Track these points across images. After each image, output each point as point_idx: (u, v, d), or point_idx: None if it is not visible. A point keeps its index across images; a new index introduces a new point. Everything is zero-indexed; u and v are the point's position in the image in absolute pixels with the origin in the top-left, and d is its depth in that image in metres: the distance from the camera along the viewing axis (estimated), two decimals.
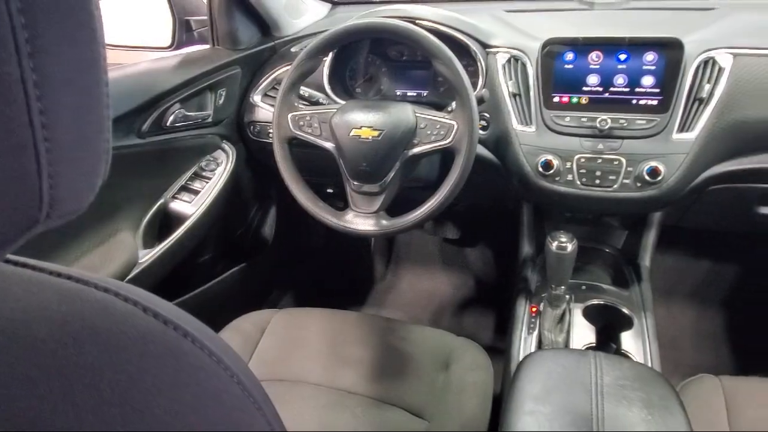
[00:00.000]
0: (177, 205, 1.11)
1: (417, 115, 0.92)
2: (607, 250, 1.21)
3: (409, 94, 1.21)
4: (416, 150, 0.92)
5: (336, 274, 1.82)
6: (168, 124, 1.06)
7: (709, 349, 1.46)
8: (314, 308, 1.09)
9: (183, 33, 1.27)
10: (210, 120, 1.16)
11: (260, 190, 1.44)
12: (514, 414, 0.61)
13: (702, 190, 1.00)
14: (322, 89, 1.16)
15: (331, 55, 1.16)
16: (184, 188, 1.13)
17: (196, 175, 1.16)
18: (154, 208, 1.08)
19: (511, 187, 1.08)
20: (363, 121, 0.92)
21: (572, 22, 1.16)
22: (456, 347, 0.97)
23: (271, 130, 1.01)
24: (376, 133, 0.91)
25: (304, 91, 1.12)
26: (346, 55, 1.21)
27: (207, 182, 1.15)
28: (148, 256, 1.02)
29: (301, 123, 0.98)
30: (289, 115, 0.98)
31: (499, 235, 1.70)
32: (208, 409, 0.25)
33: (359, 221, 0.97)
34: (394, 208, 0.97)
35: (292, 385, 0.94)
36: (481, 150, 1.06)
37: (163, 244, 1.05)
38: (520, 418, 0.60)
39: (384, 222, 0.95)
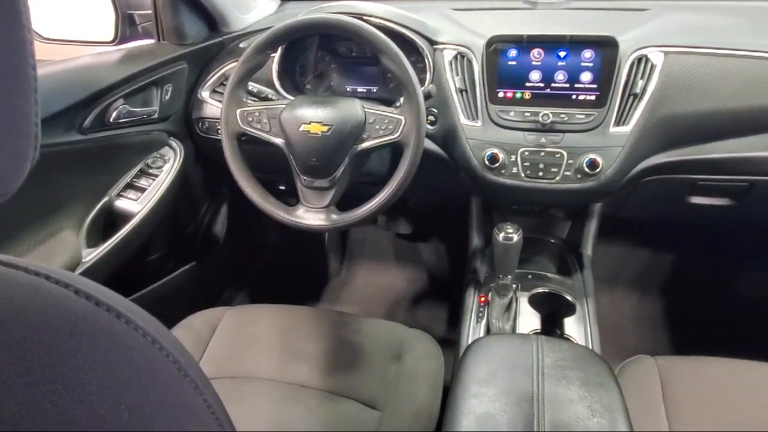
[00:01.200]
0: (122, 203, 1.08)
1: (366, 110, 0.93)
2: (552, 241, 1.26)
3: (359, 90, 1.22)
4: (365, 145, 0.94)
5: (290, 272, 1.81)
6: (111, 120, 1.03)
7: (649, 333, 1.54)
8: (266, 305, 1.08)
9: (126, 27, 1.24)
10: (156, 116, 1.14)
11: (210, 188, 1.42)
12: (460, 397, 0.63)
13: (638, 181, 1.05)
14: (271, 85, 1.15)
15: (280, 50, 1.16)
16: (130, 186, 1.11)
17: (143, 173, 1.13)
18: (99, 206, 1.05)
19: (460, 180, 1.11)
20: (312, 117, 0.93)
21: (516, 20, 1.20)
22: (408, 338, 0.99)
23: (220, 127, 1.00)
24: (325, 129, 0.92)
25: (253, 86, 1.12)
26: (296, 51, 1.21)
27: (154, 179, 1.13)
28: (91, 256, 0.99)
29: (250, 119, 0.98)
30: (238, 111, 0.98)
31: (451, 229, 1.74)
32: (142, 387, 0.25)
33: (310, 216, 0.97)
34: (346, 204, 0.98)
35: (244, 381, 0.93)
36: (430, 145, 1.09)
37: (107, 242, 1.02)
38: (465, 401, 0.62)
39: (334, 216, 0.96)
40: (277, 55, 1.16)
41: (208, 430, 0.27)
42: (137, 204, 1.09)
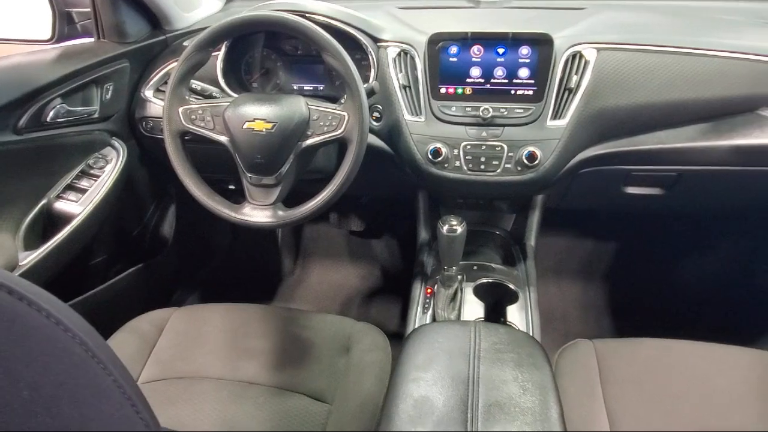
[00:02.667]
0: (62, 205, 1.05)
1: (310, 107, 0.94)
2: (498, 233, 1.30)
3: (305, 88, 1.22)
4: (310, 141, 0.94)
5: (243, 271, 1.80)
6: (48, 119, 1.00)
7: (593, 319, 1.60)
8: (214, 304, 1.07)
9: (65, 25, 1.21)
10: (96, 115, 1.12)
11: (157, 189, 1.40)
12: (399, 382, 0.65)
13: (575, 172, 1.10)
14: (216, 83, 1.14)
15: (224, 48, 1.15)
16: (70, 187, 1.08)
17: (84, 173, 1.11)
18: (37, 208, 1.02)
19: (406, 176, 1.13)
20: (256, 114, 0.93)
21: (458, 18, 1.23)
22: (356, 331, 1.00)
23: None
24: (269, 126, 0.92)
25: (197, 85, 1.10)
26: (241, 49, 1.21)
27: (95, 180, 1.10)
28: (29, 258, 0.96)
29: (193, 117, 0.97)
30: (180, 109, 0.97)
31: (402, 224, 1.76)
32: (42, 366, 0.25)
33: (256, 213, 0.97)
34: (295, 201, 0.98)
35: (191, 381, 0.92)
36: (376, 140, 1.10)
37: (46, 245, 0.99)
38: (404, 385, 0.64)
39: (281, 213, 0.96)
40: (221, 53, 1.15)
41: (118, 409, 0.28)
42: (78, 205, 1.06)
